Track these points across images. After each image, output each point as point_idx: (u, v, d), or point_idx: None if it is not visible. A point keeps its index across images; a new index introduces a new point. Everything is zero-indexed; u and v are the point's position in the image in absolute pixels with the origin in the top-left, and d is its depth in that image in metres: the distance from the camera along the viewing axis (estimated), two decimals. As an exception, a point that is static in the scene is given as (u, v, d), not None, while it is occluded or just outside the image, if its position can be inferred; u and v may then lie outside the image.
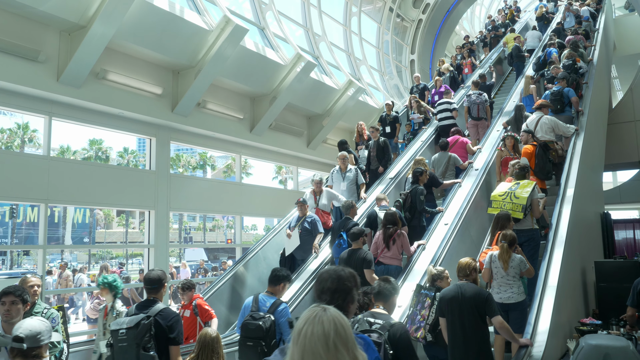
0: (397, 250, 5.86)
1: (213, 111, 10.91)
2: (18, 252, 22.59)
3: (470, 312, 3.92)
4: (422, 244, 6.11)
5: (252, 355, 3.89)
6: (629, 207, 20.36)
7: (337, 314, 1.58)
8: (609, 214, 10.43)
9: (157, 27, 9.00)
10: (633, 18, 22.26)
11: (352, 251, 5.52)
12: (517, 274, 4.82)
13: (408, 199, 6.82)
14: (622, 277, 6.50)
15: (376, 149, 9.04)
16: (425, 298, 4.43)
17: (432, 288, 4.48)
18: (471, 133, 10.00)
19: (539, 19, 16.33)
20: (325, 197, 7.73)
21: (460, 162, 8.15)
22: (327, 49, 15.70)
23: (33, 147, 25.55)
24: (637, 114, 16.17)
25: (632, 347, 2.67)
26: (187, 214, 29.44)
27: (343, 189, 8.10)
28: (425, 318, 4.34)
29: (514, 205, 5.74)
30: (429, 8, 21.18)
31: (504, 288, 4.84)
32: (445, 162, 8.09)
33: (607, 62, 14.73)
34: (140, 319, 3.53)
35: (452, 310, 4.00)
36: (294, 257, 7.21)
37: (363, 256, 5.39)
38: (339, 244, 6.26)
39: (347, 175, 8.17)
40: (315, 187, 7.78)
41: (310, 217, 7.09)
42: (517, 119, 9.07)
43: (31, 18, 7.77)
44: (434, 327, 4.28)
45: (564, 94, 8.74)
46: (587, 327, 5.20)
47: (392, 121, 10.67)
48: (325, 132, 13.96)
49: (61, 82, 8.10)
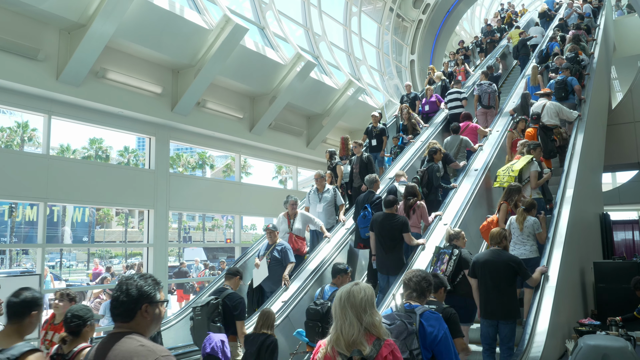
0: (417, 219, 6.47)
1: (213, 110, 10.91)
2: (17, 250, 22.58)
3: (503, 273, 4.62)
4: (438, 214, 6.72)
5: (313, 333, 4.86)
6: (628, 208, 20.37)
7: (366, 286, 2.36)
8: (608, 215, 10.44)
9: (157, 26, 9.00)
10: (633, 19, 22.28)
11: (388, 215, 6.05)
12: (531, 234, 5.54)
13: (425, 176, 7.43)
14: (620, 278, 6.52)
15: (359, 165, 8.46)
16: (444, 255, 5.18)
17: (449, 247, 5.24)
18: (480, 121, 10.32)
19: (542, 16, 16.81)
20: (299, 220, 7.09)
21: (471, 145, 8.69)
22: (327, 49, 15.70)
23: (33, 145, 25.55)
24: (637, 115, 16.18)
25: (631, 347, 2.68)
26: (186, 214, 29.45)
27: (319, 210, 7.60)
28: (444, 271, 5.06)
29: (510, 178, 6.47)
30: (429, 8, 21.17)
31: (518, 246, 5.56)
32: (457, 145, 8.64)
33: (607, 63, 14.75)
34: (209, 300, 4.84)
35: (485, 272, 4.70)
36: (263, 289, 6.67)
37: (402, 220, 5.98)
38: (364, 215, 6.63)
39: (325, 196, 7.65)
40: (289, 210, 7.16)
41: (281, 244, 6.46)
42: (524, 106, 9.66)
43: (31, 16, 7.76)
44: (452, 279, 5.02)
45: (567, 83, 9.37)
46: (586, 328, 5.20)
47: (378, 134, 9.92)
48: (325, 131, 13.96)
49: (61, 81, 8.09)
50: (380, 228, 6.00)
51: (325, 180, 7.87)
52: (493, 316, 4.62)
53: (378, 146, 9.94)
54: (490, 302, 4.62)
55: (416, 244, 6.09)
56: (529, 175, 6.59)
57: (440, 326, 2.85)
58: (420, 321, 2.83)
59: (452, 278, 5.03)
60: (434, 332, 2.81)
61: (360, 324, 2.25)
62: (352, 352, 2.22)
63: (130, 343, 1.91)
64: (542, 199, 6.68)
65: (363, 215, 6.60)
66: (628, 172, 18.58)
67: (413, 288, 3.10)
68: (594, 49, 12.22)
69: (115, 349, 1.90)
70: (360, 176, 8.32)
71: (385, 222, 5.97)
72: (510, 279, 4.64)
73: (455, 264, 5.04)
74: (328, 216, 7.60)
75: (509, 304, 4.58)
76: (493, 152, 8.33)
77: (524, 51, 13.50)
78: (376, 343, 2.25)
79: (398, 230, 5.89)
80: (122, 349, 1.90)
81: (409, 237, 5.96)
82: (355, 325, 2.24)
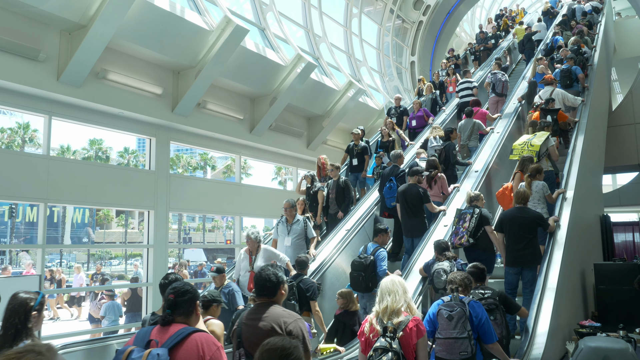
0: (437, 190, 7.20)
1: (213, 111, 10.91)
2: (17, 251, 22.58)
3: (528, 227, 5.44)
4: (457, 186, 7.41)
5: (357, 282, 5.78)
6: (628, 209, 20.37)
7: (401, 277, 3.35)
8: (609, 217, 10.45)
9: (157, 27, 9.00)
10: (633, 21, 22.29)
11: (411, 185, 6.76)
12: (541, 197, 6.16)
13: (442, 153, 8.13)
14: (621, 280, 6.51)
15: (335, 190, 7.95)
16: (466, 215, 5.85)
17: (470, 207, 5.93)
18: (491, 108, 10.83)
19: (545, 14, 17.15)
20: (262, 257, 6.17)
21: (484, 128, 9.29)
22: (328, 50, 15.70)
23: (33, 146, 25.56)
24: (637, 117, 16.17)
25: (631, 349, 2.67)
26: (186, 215, 29.44)
27: (287, 244, 6.80)
28: (466, 228, 5.73)
29: (530, 152, 6.97)
30: (429, 10, 21.19)
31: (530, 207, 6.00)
32: (470, 128, 9.21)
33: (607, 64, 14.76)
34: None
35: (512, 226, 5.50)
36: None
37: (423, 191, 6.68)
38: (390, 186, 7.29)
39: (294, 228, 6.85)
40: (250, 245, 6.18)
41: (228, 287, 5.72)
42: (531, 93, 10.27)
43: (32, 17, 7.76)
44: (473, 234, 5.70)
45: (572, 72, 10.09)
46: (586, 330, 5.20)
47: (360, 152, 9.26)
48: (325, 133, 13.95)
49: (61, 82, 8.09)
50: (404, 196, 6.74)
51: (295, 209, 7.01)
52: (519, 264, 5.41)
53: (359, 166, 9.27)
54: (516, 252, 5.41)
55: (438, 210, 6.79)
56: (544, 151, 7.16)
57: (482, 313, 3.64)
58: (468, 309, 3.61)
59: (474, 234, 5.71)
60: (479, 317, 3.60)
61: (404, 299, 3.14)
62: (387, 322, 3.05)
63: (276, 309, 2.88)
64: (553, 172, 7.32)
65: (389, 187, 7.31)
66: (628, 173, 18.59)
67: (459, 284, 3.82)
68: (595, 42, 12.76)
69: (267, 313, 2.84)
70: (337, 202, 7.89)
71: (408, 191, 6.71)
72: (534, 231, 5.43)
73: (477, 221, 5.72)
74: (297, 251, 6.67)
75: (532, 253, 5.37)
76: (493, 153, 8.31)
77: (529, 46, 14.17)
78: (408, 317, 3.08)
79: (419, 198, 6.63)
80: (272, 313, 2.85)
81: (432, 206, 6.75)
82: (402, 299, 3.13)
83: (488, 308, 4.01)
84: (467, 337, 3.44)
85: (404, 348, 2.99)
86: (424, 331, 3.08)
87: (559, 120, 8.35)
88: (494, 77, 11.07)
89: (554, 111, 8.42)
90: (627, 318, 5.66)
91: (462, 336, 3.44)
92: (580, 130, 8.21)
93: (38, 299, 2.92)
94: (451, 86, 12.86)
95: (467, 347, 3.43)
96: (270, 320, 2.80)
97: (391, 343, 2.95)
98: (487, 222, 5.75)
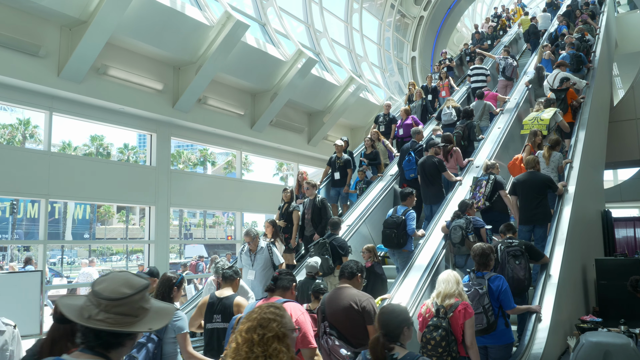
0: (453, 162, 7.78)
1: (214, 107, 10.90)
2: (18, 247, 22.62)
3: (539, 189, 5.99)
4: (471, 160, 8.01)
5: (389, 239, 6.22)
6: (629, 205, 20.33)
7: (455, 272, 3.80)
8: (610, 212, 10.44)
9: (158, 23, 8.98)
10: (635, 16, 22.18)
11: (429, 157, 7.31)
12: (555, 167, 6.71)
13: (465, 131, 8.69)
14: (622, 275, 6.50)
15: (311, 210, 7.27)
16: (482, 182, 6.48)
17: (486, 175, 6.55)
18: (501, 92, 11.18)
19: (549, 5, 17.48)
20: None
21: (494, 108, 9.82)
22: (328, 46, 15.66)
23: (34, 142, 25.55)
24: (639, 112, 16.14)
25: (633, 344, 2.67)
26: (187, 210, 29.45)
27: (251, 278, 6.12)
28: (482, 193, 6.36)
29: (540, 126, 7.52)
30: (430, 5, 21.10)
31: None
32: (481, 109, 9.79)
33: (608, 60, 14.72)
34: (318, 241, 6.25)
35: (524, 189, 6.03)
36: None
37: (439, 161, 7.25)
38: (409, 160, 7.83)
39: (258, 258, 6.16)
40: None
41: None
42: (538, 78, 10.73)
43: (32, 13, 7.75)
44: (489, 198, 6.34)
45: (582, 56, 10.64)
46: (588, 325, 5.20)
47: (342, 166, 8.64)
48: (326, 128, 13.94)
49: (62, 77, 8.08)
50: (423, 167, 7.33)
51: (259, 238, 6.35)
52: (531, 222, 5.97)
53: (342, 180, 8.68)
54: (529, 211, 5.98)
55: (455, 180, 7.35)
56: (553, 124, 7.72)
57: (502, 283, 4.15)
58: (488, 283, 4.12)
59: (489, 197, 6.35)
60: (498, 287, 4.12)
61: (456, 287, 3.65)
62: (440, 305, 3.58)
63: (352, 290, 3.61)
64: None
65: (408, 160, 7.85)
66: (630, 169, 18.54)
67: (478, 261, 4.27)
68: (598, 30, 13.26)
69: (345, 293, 3.58)
70: (313, 223, 7.25)
71: (426, 162, 7.30)
72: (544, 192, 6.01)
73: (492, 186, 6.36)
74: (264, 283, 5.79)
75: (543, 212, 5.96)
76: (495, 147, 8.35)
77: (534, 35, 14.56)
78: (458, 301, 3.60)
79: (436, 168, 7.19)
80: (349, 293, 3.57)
81: (448, 175, 7.29)
82: (454, 287, 3.65)
83: (514, 254, 4.86)
84: (481, 312, 3.95)
85: (453, 327, 3.51)
86: (471, 313, 3.59)
87: (568, 98, 8.75)
88: (505, 62, 11.70)
89: (563, 90, 8.86)
90: (628, 313, 5.66)
91: (477, 311, 3.90)
92: (582, 126, 8.19)
93: (179, 279, 3.88)
94: (444, 90, 12.11)
95: (482, 320, 3.95)
96: (348, 299, 3.51)
97: (442, 322, 3.48)
98: (501, 187, 6.40)
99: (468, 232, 5.63)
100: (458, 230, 5.67)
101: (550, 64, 10.85)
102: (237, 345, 2.04)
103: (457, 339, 3.51)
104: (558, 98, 8.53)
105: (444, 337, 3.42)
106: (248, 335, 2.03)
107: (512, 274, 4.77)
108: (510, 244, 4.97)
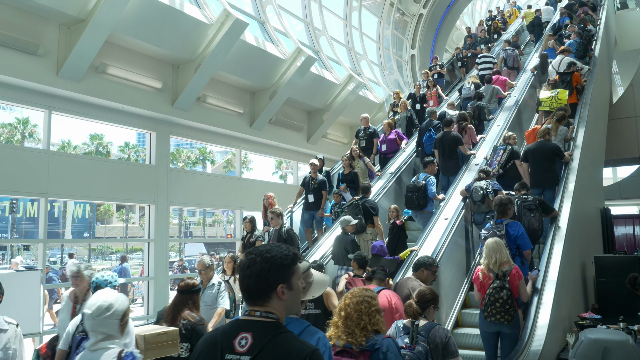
0: (467, 138, 8.45)
1: (213, 105, 10.89)
2: (18, 246, 22.61)
3: (548, 156, 6.76)
4: (483, 136, 8.83)
5: (411, 201, 7.15)
6: (628, 202, 20.37)
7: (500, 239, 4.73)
8: (609, 210, 10.44)
9: (157, 21, 8.96)
10: (634, 13, 22.17)
11: (446, 132, 8.07)
12: (562, 140, 7.46)
13: (476, 112, 9.54)
14: (621, 272, 6.50)
15: (277, 241, 6.42)
16: (500, 151, 7.34)
17: (503, 145, 7.42)
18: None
19: None
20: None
21: (502, 92, 10.57)
22: (328, 44, 15.64)
23: (33, 142, 25.53)
24: (638, 110, 16.13)
25: (632, 341, 2.67)
26: (187, 209, 29.45)
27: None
28: (499, 161, 7.22)
29: (560, 103, 8.43)
30: (429, 3, 21.08)
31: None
32: (490, 92, 10.53)
33: (608, 57, 14.72)
34: (352, 202, 6.94)
35: (535, 156, 6.81)
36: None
37: (456, 135, 8.05)
38: (430, 135, 8.59)
39: (207, 294, 5.24)
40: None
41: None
42: (543, 64, 11.33)
43: (30, 11, 7.73)
44: (503, 166, 7.18)
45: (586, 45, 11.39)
46: (587, 322, 5.22)
47: (317, 187, 8.03)
48: (325, 126, 13.93)
49: (61, 76, 8.07)
50: (441, 142, 8.07)
51: (213, 270, 5.47)
52: (541, 185, 6.73)
53: (316, 203, 8.07)
54: (539, 175, 6.74)
55: (469, 154, 8.10)
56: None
57: (519, 228, 5.09)
58: (506, 228, 5.11)
59: (504, 165, 7.16)
60: (515, 232, 5.08)
61: (506, 255, 4.51)
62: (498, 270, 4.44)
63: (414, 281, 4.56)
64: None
65: (428, 136, 8.60)
66: (629, 166, 18.57)
67: (498, 210, 5.31)
68: (599, 22, 13.84)
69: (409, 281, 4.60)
70: None
71: (445, 136, 8.05)
72: (552, 159, 6.78)
73: (508, 155, 7.19)
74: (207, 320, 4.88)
75: (552, 176, 6.74)
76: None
77: (538, 27, 15.21)
78: (511, 266, 4.50)
79: (454, 142, 7.95)
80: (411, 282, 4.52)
81: (464, 148, 8.01)
82: (505, 255, 4.51)
83: (530, 207, 5.65)
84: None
85: (511, 287, 4.39)
86: (522, 275, 4.52)
87: (573, 81, 9.33)
88: (505, 53, 12.51)
89: (569, 74, 9.44)
90: (627, 310, 5.67)
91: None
92: (581, 123, 8.20)
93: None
94: (431, 100, 11.46)
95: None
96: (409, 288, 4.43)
97: (504, 283, 4.37)
98: (516, 156, 7.17)
99: (488, 192, 6.34)
100: (479, 190, 6.40)
101: (553, 52, 11.40)
102: (347, 314, 2.74)
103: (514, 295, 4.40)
104: (563, 81, 9.23)
105: (510, 295, 4.33)
106: (357, 307, 2.75)
107: (528, 224, 5.51)
108: (526, 199, 5.75)
